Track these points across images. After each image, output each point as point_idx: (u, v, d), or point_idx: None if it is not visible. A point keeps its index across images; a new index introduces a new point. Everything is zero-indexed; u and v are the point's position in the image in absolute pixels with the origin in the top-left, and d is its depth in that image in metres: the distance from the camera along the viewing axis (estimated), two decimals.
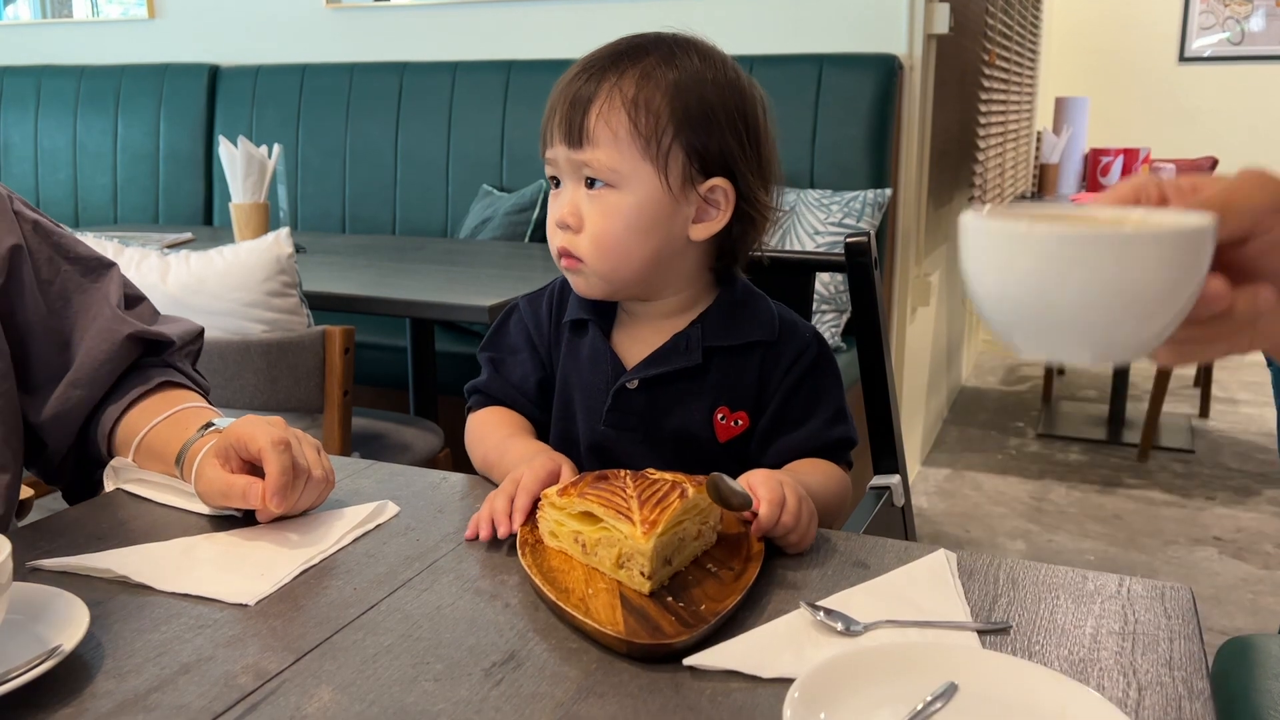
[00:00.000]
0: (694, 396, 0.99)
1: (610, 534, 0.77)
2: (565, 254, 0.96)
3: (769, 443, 1.00)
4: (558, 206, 0.96)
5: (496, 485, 0.97)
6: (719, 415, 0.99)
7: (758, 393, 1.00)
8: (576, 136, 0.92)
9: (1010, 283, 0.50)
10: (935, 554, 0.82)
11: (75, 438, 1.02)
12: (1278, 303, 0.54)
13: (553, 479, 0.87)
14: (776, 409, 1.00)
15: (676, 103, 0.92)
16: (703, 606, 0.73)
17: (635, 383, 0.99)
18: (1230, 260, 0.54)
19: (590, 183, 0.93)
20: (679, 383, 0.99)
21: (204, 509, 0.91)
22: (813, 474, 0.96)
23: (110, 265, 1.06)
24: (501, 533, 0.84)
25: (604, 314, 1.02)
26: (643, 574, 0.75)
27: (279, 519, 0.89)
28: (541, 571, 0.77)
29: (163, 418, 0.98)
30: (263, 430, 0.87)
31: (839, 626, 0.70)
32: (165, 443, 0.96)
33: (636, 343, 1.01)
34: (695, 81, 0.93)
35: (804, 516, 0.83)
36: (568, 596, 0.73)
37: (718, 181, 0.94)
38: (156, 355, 1.06)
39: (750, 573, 0.77)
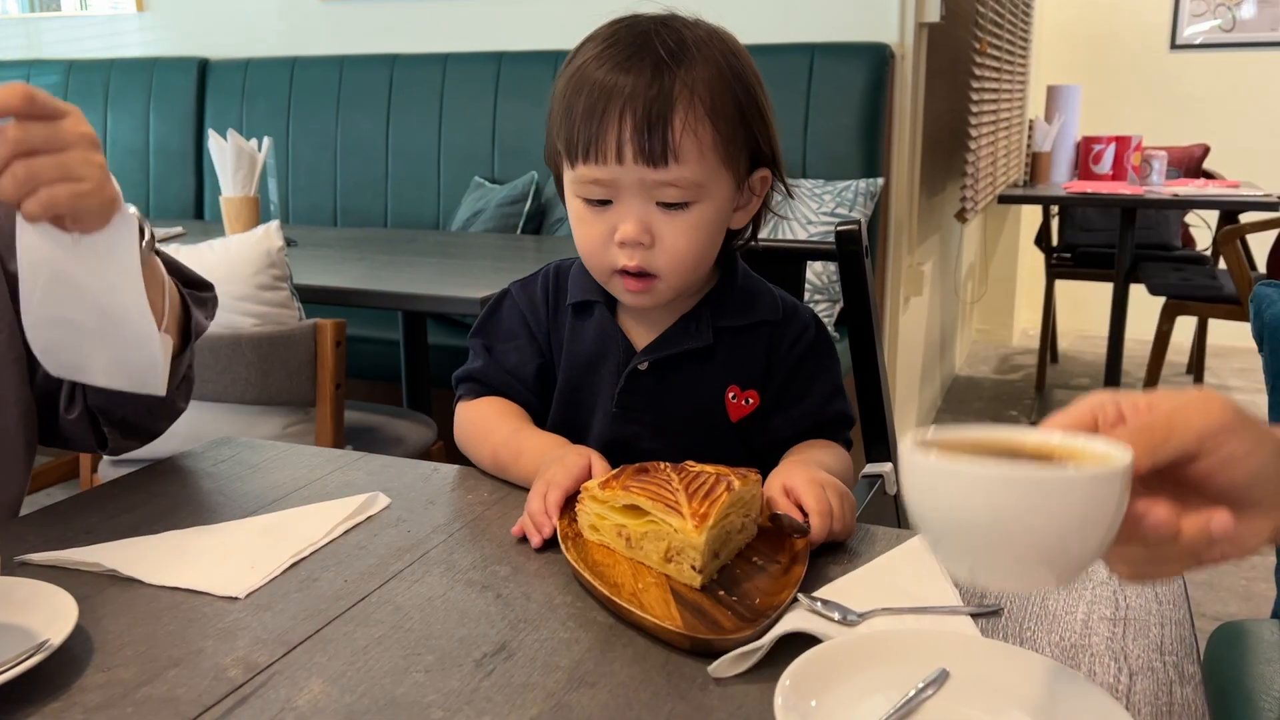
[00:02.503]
0: (705, 376, 0.99)
1: (659, 527, 0.76)
2: (637, 273, 0.91)
3: (769, 419, 1.00)
4: (611, 224, 0.89)
5: (501, 479, 0.96)
6: (730, 394, 0.99)
7: (765, 371, 1.01)
8: (660, 155, 0.84)
9: (930, 509, 0.53)
10: (916, 538, 0.82)
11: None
12: (1236, 521, 0.56)
13: (585, 474, 0.85)
14: (778, 387, 1.01)
15: (740, 99, 0.89)
16: (757, 601, 0.72)
17: (646, 364, 0.98)
18: (1183, 476, 0.56)
19: (664, 204, 0.88)
20: (690, 363, 0.98)
21: None
22: (827, 460, 0.96)
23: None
24: (545, 534, 0.82)
25: (610, 295, 0.99)
26: (694, 568, 0.74)
27: (263, 515, 0.88)
28: (587, 565, 0.76)
29: None
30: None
31: (836, 617, 0.70)
32: None
33: (643, 324, 1.00)
34: (741, 70, 0.90)
35: (848, 514, 0.83)
36: (619, 591, 0.72)
37: (764, 173, 0.94)
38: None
39: (800, 568, 0.76)
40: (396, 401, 2.31)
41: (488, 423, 1.00)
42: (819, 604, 0.71)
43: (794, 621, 0.69)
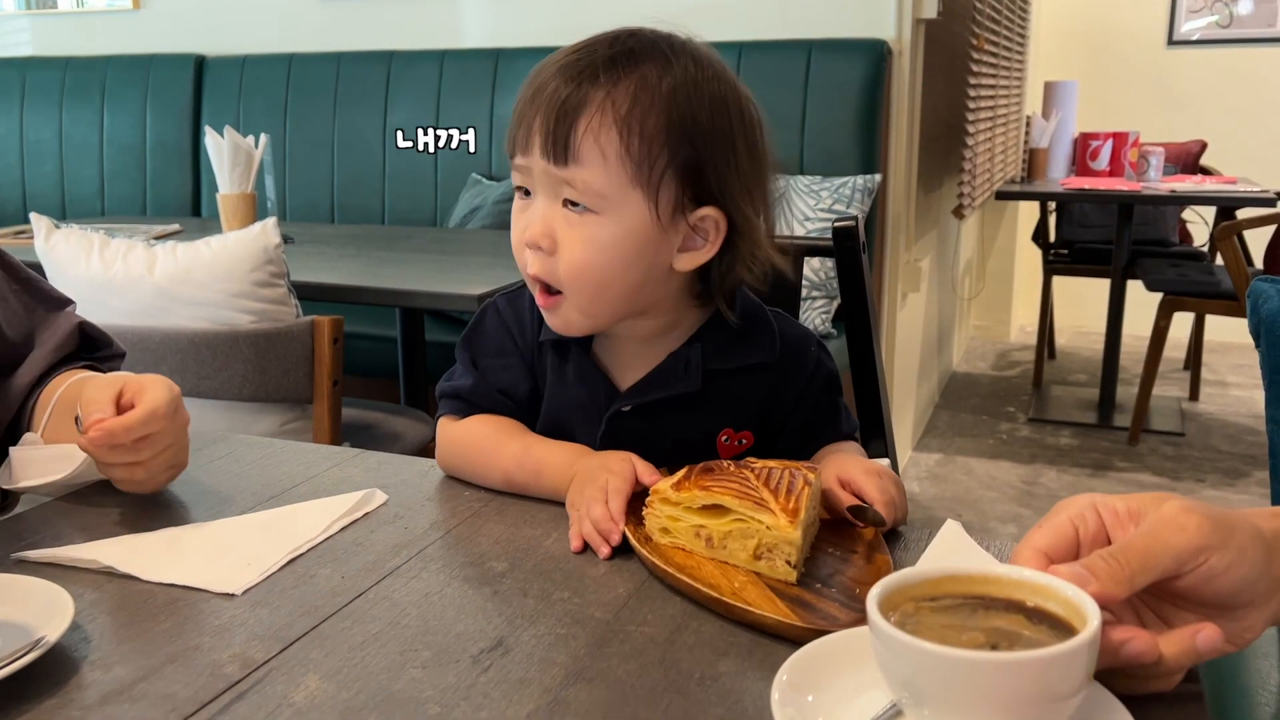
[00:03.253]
0: (695, 419, 0.94)
1: (746, 525, 0.75)
2: (540, 285, 0.88)
3: (794, 455, 0.95)
4: (526, 222, 0.87)
5: (517, 495, 0.92)
6: (723, 437, 0.95)
7: (764, 411, 0.96)
8: (560, 152, 0.83)
9: (891, 670, 0.55)
10: (949, 525, 0.83)
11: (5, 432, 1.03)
12: (1228, 622, 0.58)
13: (635, 478, 0.83)
14: (799, 426, 0.97)
15: (673, 125, 0.83)
16: (857, 591, 0.73)
17: (629, 407, 0.92)
18: (1167, 588, 0.58)
19: (570, 203, 0.85)
20: (678, 406, 0.93)
21: (69, 469, 0.90)
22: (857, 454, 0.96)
23: (70, 301, 1.11)
24: (615, 541, 0.79)
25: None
26: (789, 563, 0.74)
27: (260, 511, 0.88)
28: (677, 568, 0.74)
29: (73, 379, 1.00)
30: (161, 391, 0.88)
31: None
32: (75, 395, 0.95)
33: (625, 361, 0.94)
34: (694, 97, 0.84)
35: (904, 502, 0.85)
36: (720, 590, 0.72)
37: (709, 212, 0.86)
38: (93, 352, 1.09)
39: (883, 555, 0.77)
40: (394, 398, 2.31)
41: (489, 444, 0.93)
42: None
43: None
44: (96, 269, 1.66)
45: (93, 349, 1.09)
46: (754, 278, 0.91)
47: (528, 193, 0.88)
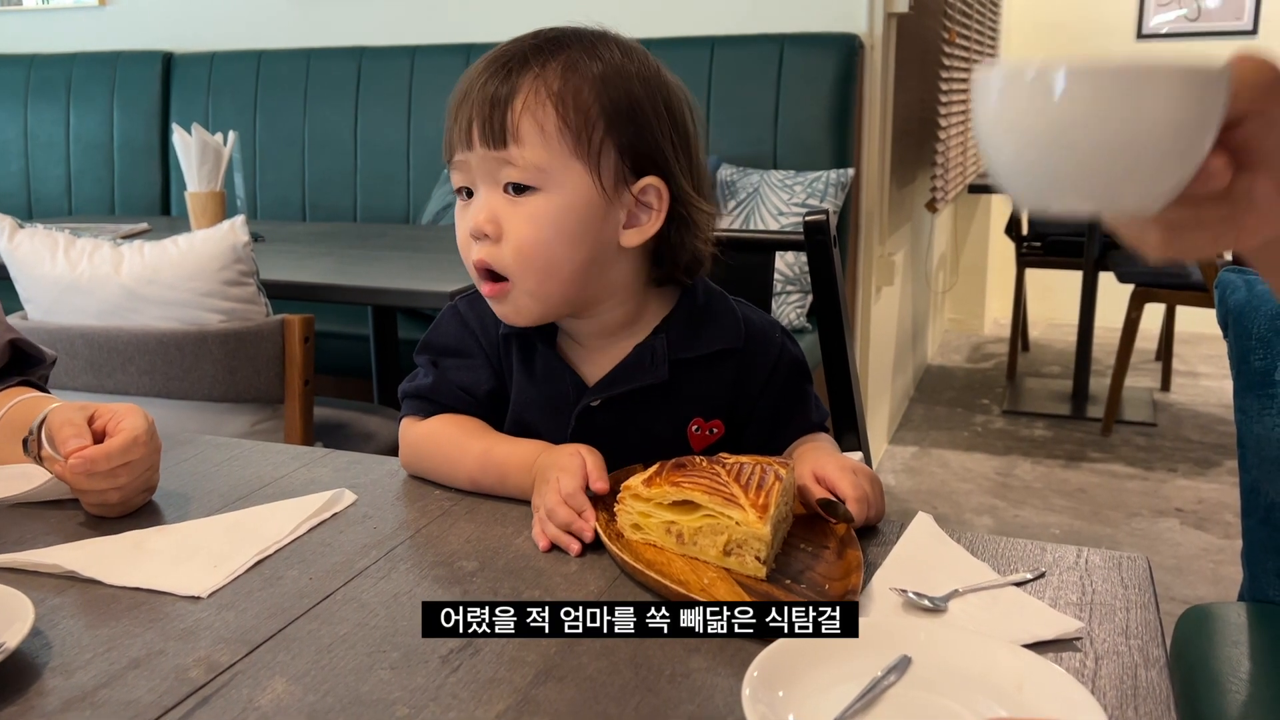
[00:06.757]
0: (664, 410, 0.93)
1: (716, 521, 0.75)
2: (485, 271, 0.88)
3: (760, 446, 0.95)
4: (470, 215, 0.88)
5: (483, 496, 0.91)
6: (693, 427, 0.95)
7: (732, 399, 0.96)
8: (499, 135, 0.84)
9: (1024, 126, 0.50)
10: (919, 518, 0.84)
11: None
12: (1272, 193, 0.54)
13: (584, 471, 0.83)
14: (766, 415, 0.97)
15: (604, 97, 0.86)
16: (827, 587, 0.73)
17: (598, 401, 0.92)
18: (1225, 142, 0.54)
19: (513, 188, 0.86)
20: (647, 398, 0.92)
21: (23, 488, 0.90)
22: (831, 449, 0.96)
23: None
24: (588, 538, 0.79)
25: (545, 326, 0.94)
26: (758, 559, 0.74)
27: (227, 513, 0.87)
28: (644, 564, 0.74)
29: (18, 400, 0.99)
30: (139, 419, 0.88)
31: (928, 605, 0.71)
32: (24, 419, 0.94)
33: (591, 356, 0.94)
34: (621, 75, 0.87)
35: (880, 498, 0.85)
36: (688, 587, 0.71)
37: (651, 181, 0.88)
38: (26, 369, 1.08)
39: (854, 552, 0.77)
40: (367, 397, 2.30)
41: (452, 446, 0.93)
42: (910, 594, 0.71)
43: (891, 613, 0.71)
44: (62, 269, 1.64)
45: (25, 365, 1.07)
46: (707, 254, 0.93)
47: (470, 195, 0.89)
